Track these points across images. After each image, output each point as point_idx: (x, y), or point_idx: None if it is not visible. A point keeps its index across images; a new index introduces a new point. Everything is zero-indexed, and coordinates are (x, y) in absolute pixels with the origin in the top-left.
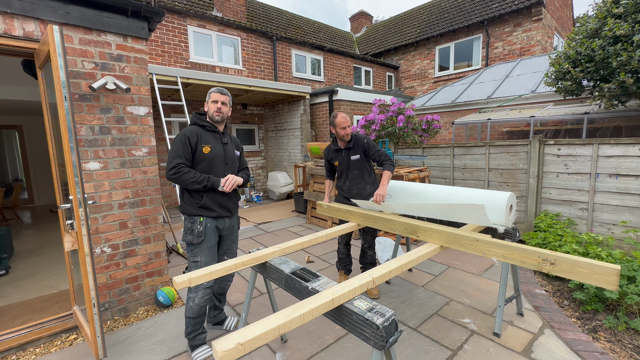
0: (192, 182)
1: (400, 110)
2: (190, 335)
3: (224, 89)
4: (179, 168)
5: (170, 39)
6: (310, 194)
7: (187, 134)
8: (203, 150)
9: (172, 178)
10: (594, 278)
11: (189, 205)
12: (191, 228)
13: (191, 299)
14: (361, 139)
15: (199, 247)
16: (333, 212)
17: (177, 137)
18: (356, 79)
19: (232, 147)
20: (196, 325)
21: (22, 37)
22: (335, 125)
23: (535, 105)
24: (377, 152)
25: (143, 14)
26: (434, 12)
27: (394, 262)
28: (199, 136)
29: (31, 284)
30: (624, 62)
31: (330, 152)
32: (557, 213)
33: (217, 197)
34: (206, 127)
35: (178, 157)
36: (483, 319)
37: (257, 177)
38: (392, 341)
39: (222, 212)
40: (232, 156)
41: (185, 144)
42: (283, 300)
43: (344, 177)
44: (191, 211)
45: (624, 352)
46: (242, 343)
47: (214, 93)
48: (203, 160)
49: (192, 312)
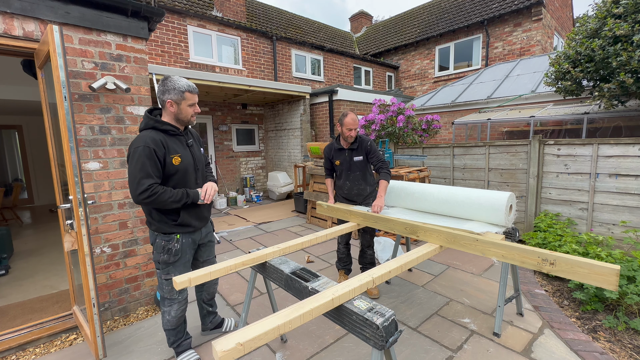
0: (170, 203)
1: (400, 110)
2: (174, 344)
3: (194, 85)
4: (152, 190)
5: (170, 39)
6: (310, 194)
7: (151, 146)
8: (173, 162)
9: (144, 202)
10: (594, 278)
11: (162, 223)
12: (167, 247)
13: (167, 312)
14: (365, 141)
15: (174, 266)
16: (333, 212)
17: (138, 150)
18: (356, 79)
19: (197, 147)
20: (178, 334)
21: (22, 37)
22: (343, 125)
23: (535, 105)
24: (377, 158)
25: (143, 14)
26: (434, 12)
27: (393, 262)
28: (165, 145)
29: (31, 284)
30: (624, 62)
31: (332, 150)
32: (557, 213)
33: (194, 210)
34: (169, 131)
35: (147, 176)
36: (483, 319)
37: (257, 177)
38: (392, 341)
39: (200, 225)
40: (200, 157)
41: (152, 159)
42: (283, 300)
43: (344, 177)
44: (165, 229)
45: (624, 352)
46: (242, 343)
47: (191, 94)
48: (175, 173)
49: (170, 325)
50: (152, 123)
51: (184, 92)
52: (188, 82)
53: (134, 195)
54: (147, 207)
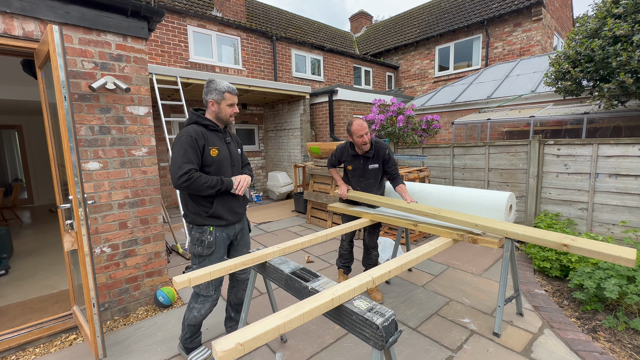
0: (205, 188)
1: (400, 110)
2: (188, 340)
3: (234, 87)
4: (190, 174)
5: (170, 39)
6: (310, 194)
7: (193, 136)
8: (211, 153)
9: (183, 186)
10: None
11: (196, 214)
12: (200, 239)
13: (197, 309)
14: (382, 149)
15: (209, 259)
16: (341, 209)
17: (181, 139)
18: (356, 79)
19: (234, 146)
20: (196, 331)
21: (22, 36)
22: (352, 134)
23: (535, 105)
24: (395, 169)
25: (143, 14)
26: (434, 12)
27: (393, 262)
28: (205, 137)
29: (31, 284)
30: (624, 62)
31: (345, 153)
32: (557, 213)
33: (227, 202)
34: (209, 126)
35: (189, 162)
36: (483, 319)
37: (257, 177)
38: (392, 341)
39: (233, 219)
40: (237, 156)
41: (194, 147)
42: (283, 300)
43: (354, 183)
44: (199, 221)
45: (624, 351)
46: (241, 343)
47: (231, 95)
48: (212, 164)
49: (195, 321)
50: (195, 118)
51: (224, 92)
52: (229, 84)
53: (175, 178)
54: (184, 198)
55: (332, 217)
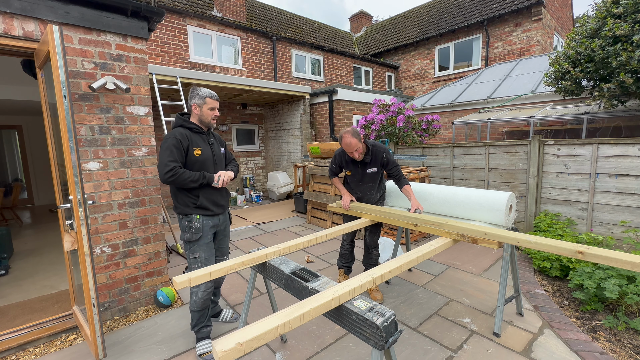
0: (189, 182)
1: (400, 110)
2: (195, 327)
3: (215, 94)
4: (175, 170)
5: (170, 39)
6: (310, 194)
7: (178, 137)
8: (194, 153)
9: (169, 180)
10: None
11: (185, 205)
12: (188, 225)
13: (194, 293)
14: (380, 152)
15: (197, 244)
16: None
17: (167, 140)
18: (356, 79)
19: (217, 146)
20: (201, 318)
21: (22, 37)
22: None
23: (535, 105)
24: (397, 170)
25: (143, 14)
26: (434, 12)
27: (393, 262)
28: (189, 139)
29: (31, 284)
30: (624, 62)
31: (343, 159)
32: (557, 213)
33: (211, 195)
34: (193, 129)
35: (174, 160)
36: (483, 319)
37: (257, 177)
38: (392, 341)
39: (217, 210)
40: (219, 155)
41: (178, 147)
42: (283, 300)
43: (354, 187)
44: (187, 211)
45: (624, 351)
46: (241, 343)
47: (211, 100)
48: (195, 163)
49: (196, 306)
50: (181, 122)
51: (205, 97)
52: (210, 90)
53: (161, 174)
54: (174, 192)
55: (332, 217)
